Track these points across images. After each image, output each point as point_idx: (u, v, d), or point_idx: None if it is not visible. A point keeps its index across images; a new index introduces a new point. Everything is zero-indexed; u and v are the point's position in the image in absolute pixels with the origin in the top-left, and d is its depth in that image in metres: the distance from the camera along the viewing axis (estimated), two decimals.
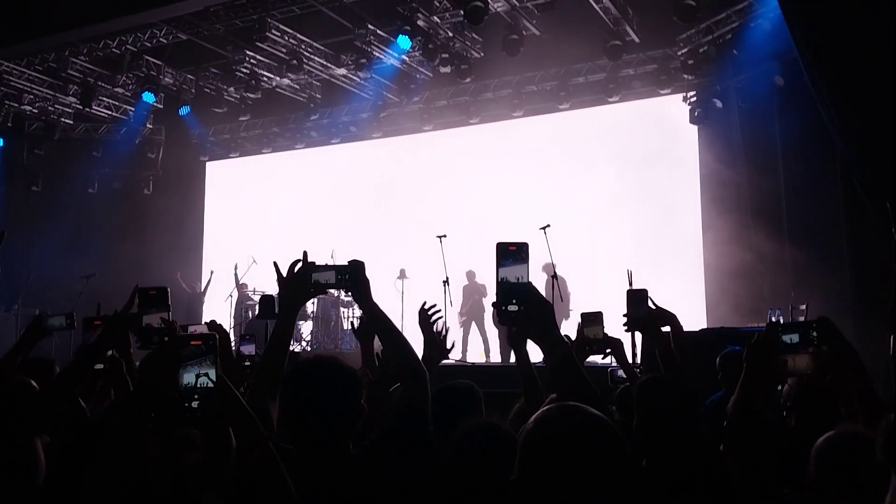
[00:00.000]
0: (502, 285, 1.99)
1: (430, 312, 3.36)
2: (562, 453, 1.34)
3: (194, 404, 1.90)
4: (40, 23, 11.58)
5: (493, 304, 2.02)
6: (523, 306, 1.97)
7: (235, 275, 13.68)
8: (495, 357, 11.93)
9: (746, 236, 11.33)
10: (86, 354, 2.65)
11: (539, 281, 9.96)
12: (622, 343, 3.66)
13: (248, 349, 4.45)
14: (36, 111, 15.00)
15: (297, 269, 2.60)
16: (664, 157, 12.83)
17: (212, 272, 14.79)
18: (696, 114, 12.43)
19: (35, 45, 12.97)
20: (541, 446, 1.37)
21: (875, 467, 1.71)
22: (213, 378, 1.91)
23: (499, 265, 2.02)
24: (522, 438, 1.40)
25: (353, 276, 2.57)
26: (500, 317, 2.01)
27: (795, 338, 2.34)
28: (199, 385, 1.90)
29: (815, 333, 2.34)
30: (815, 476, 1.86)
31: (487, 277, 12.34)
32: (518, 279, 1.99)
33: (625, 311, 3.13)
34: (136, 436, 2.06)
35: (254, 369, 3.91)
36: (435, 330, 3.33)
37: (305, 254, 2.65)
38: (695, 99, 12.50)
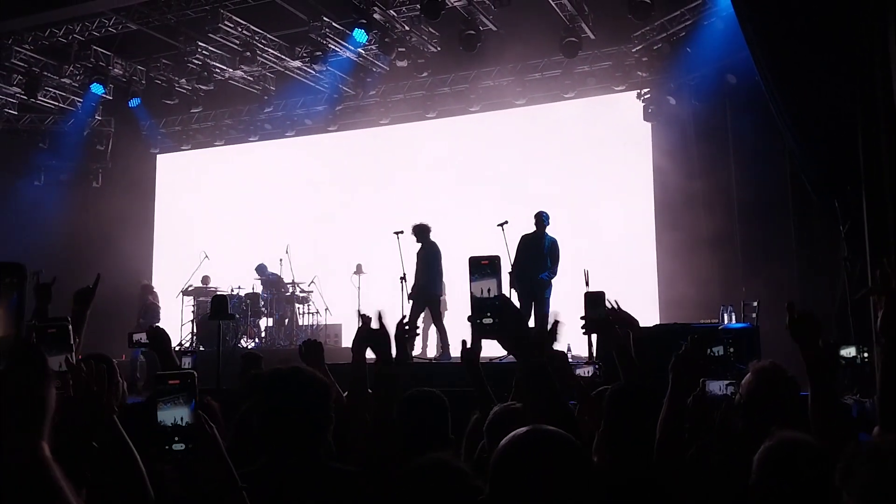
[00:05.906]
0: (475, 299, 2.04)
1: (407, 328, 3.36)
2: (530, 475, 1.45)
3: (176, 447, 1.77)
4: None
5: (468, 318, 2.05)
6: (497, 318, 2.00)
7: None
8: (454, 352, 11.88)
9: (698, 232, 11.51)
10: None
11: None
12: (566, 355, 3.76)
13: (187, 361, 4.37)
14: None
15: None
16: (618, 154, 12.95)
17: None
18: (649, 111, 12.54)
19: None
20: (510, 468, 1.48)
21: (816, 477, 1.73)
22: (190, 419, 1.79)
23: (470, 279, 2.06)
24: (494, 460, 1.50)
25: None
26: (475, 329, 2.04)
27: (720, 350, 2.40)
28: (176, 424, 1.78)
29: (731, 349, 2.40)
30: (757, 484, 1.86)
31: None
32: (488, 292, 2.03)
33: (582, 314, 3.14)
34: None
35: None
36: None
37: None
38: (648, 96, 12.61)
